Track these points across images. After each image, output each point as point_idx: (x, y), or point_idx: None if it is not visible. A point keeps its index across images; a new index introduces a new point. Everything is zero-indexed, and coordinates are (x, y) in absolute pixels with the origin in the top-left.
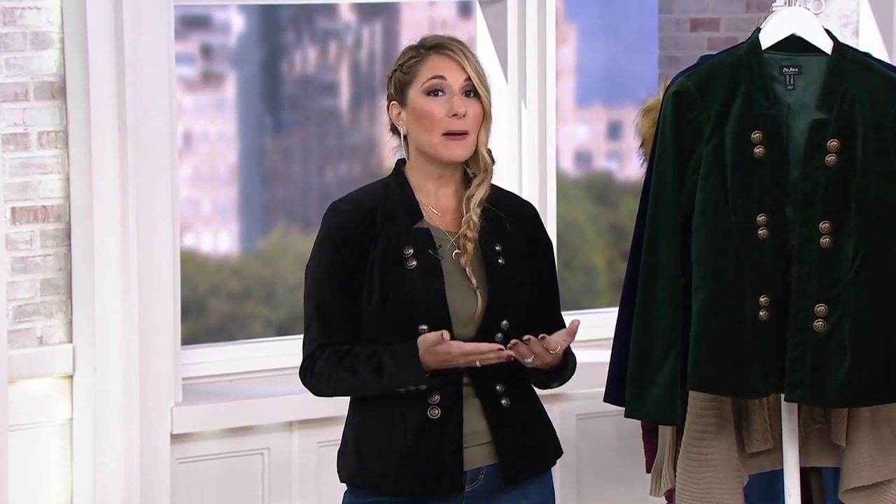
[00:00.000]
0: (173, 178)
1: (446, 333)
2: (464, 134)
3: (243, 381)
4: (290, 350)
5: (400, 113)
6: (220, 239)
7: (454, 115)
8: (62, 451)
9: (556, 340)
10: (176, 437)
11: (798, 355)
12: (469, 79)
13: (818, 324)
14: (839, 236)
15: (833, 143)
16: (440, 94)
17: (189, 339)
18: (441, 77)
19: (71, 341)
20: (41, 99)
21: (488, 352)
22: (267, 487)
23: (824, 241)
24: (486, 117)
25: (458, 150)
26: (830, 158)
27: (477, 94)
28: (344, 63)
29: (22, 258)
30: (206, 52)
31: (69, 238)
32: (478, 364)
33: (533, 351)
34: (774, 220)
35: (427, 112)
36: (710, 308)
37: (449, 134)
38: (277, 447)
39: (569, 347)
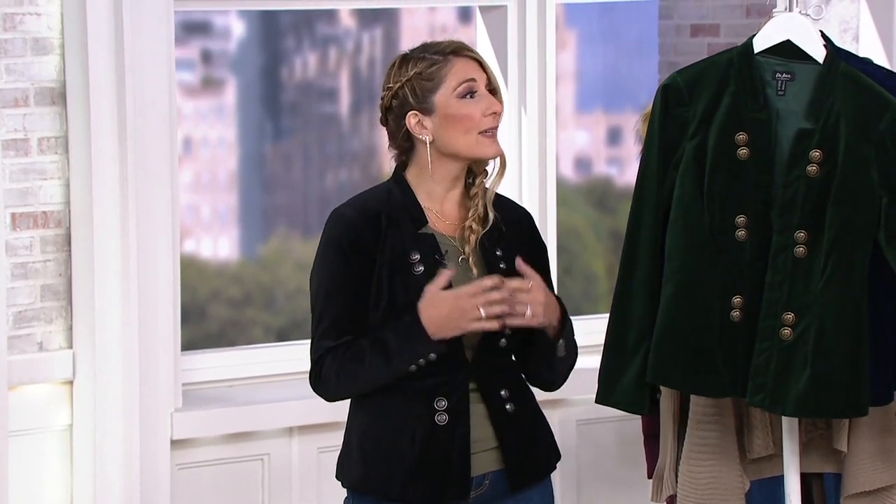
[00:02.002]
0: (173, 183)
1: (446, 274)
2: (496, 131)
3: (243, 386)
4: (290, 356)
5: (420, 121)
6: (220, 245)
7: (493, 113)
8: (62, 457)
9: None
10: (176, 443)
11: (763, 361)
12: (489, 78)
13: (785, 332)
14: (813, 246)
15: (815, 154)
16: (473, 95)
17: (189, 344)
18: (472, 80)
19: (71, 347)
20: (41, 105)
21: (492, 286)
22: (267, 493)
23: (798, 249)
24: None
25: (494, 148)
26: (812, 168)
27: (496, 92)
28: (344, 69)
29: (22, 264)
30: (207, 57)
31: (69, 244)
32: (492, 326)
33: (521, 300)
34: (755, 222)
35: (466, 114)
36: (677, 303)
37: (485, 132)
38: (277, 453)
39: (564, 312)
